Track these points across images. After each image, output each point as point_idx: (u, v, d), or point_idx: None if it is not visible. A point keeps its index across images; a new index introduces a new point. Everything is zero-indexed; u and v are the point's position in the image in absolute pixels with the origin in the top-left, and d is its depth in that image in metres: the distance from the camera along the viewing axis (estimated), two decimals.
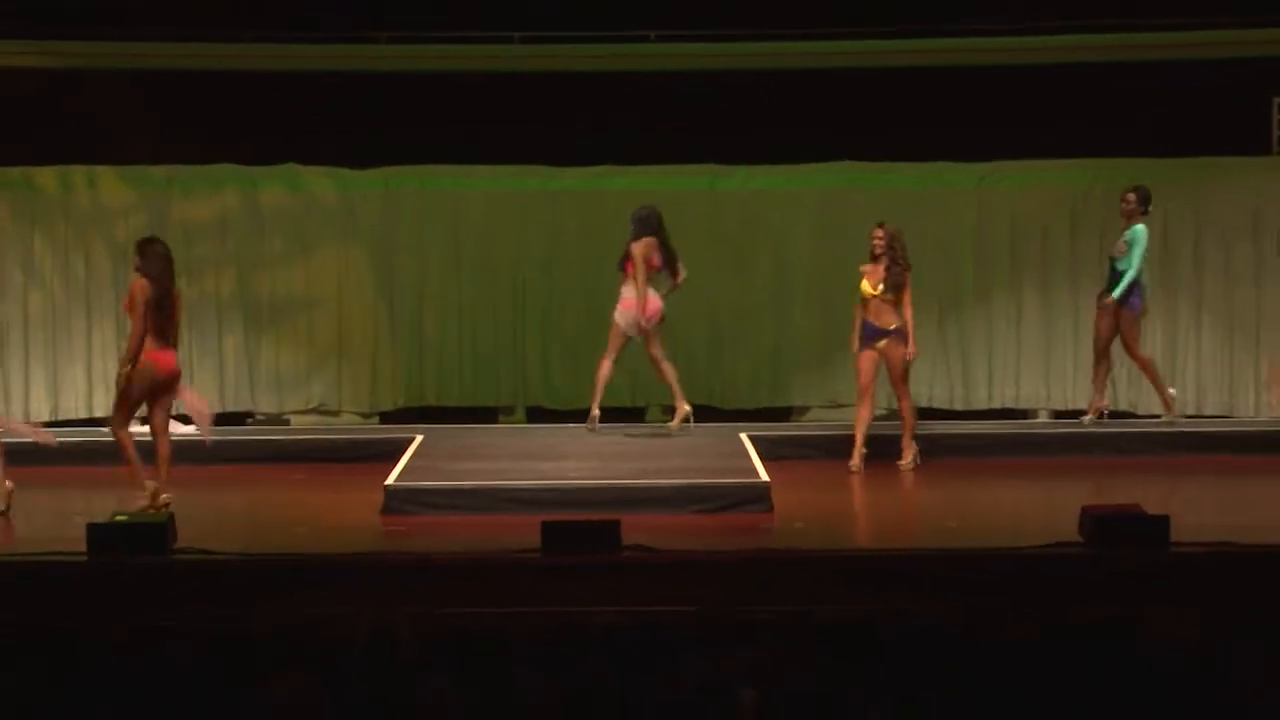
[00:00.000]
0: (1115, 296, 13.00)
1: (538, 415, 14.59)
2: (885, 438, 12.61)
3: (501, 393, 14.76)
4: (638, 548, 9.01)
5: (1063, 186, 14.36)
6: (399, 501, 10.60)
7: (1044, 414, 14.41)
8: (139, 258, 10.54)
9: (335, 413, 14.67)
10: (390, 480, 10.87)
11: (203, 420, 11.23)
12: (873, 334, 12.23)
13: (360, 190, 14.59)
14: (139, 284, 10.39)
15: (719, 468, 11.49)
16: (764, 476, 10.92)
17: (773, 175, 14.61)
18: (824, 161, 14.54)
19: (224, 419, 14.24)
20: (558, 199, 14.45)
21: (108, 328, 14.29)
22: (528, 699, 5.43)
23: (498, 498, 10.63)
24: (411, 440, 12.61)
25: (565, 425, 13.49)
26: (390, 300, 14.64)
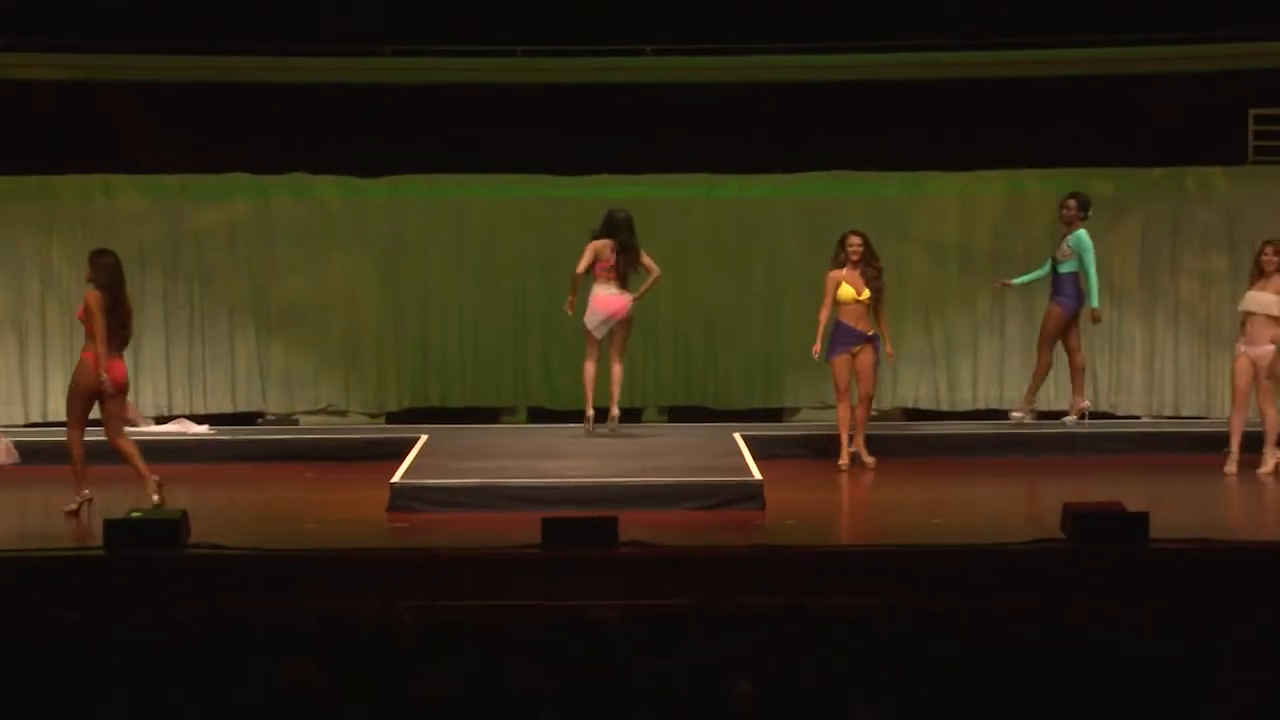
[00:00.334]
0: (1094, 305, 13.03)
1: (538, 415, 14.59)
2: (886, 438, 12.62)
3: (503, 394, 14.77)
4: (635, 543, 9.03)
5: (1044, 194, 14.33)
6: (404, 499, 10.61)
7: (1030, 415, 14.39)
8: (90, 269, 10.46)
9: (343, 413, 14.68)
10: (396, 478, 10.88)
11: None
12: (853, 338, 12.22)
13: (367, 198, 14.59)
14: (92, 295, 10.31)
15: (713, 466, 11.51)
16: (757, 475, 10.93)
17: (766, 184, 14.61)
18: (816, 170, 14.56)
19: (236, 419, 14.36)
20: (558, 206, 14.44)
21: None
22: (527, 689, 5.43)
23: (499, 495, 10.65)
24: (416, 440, 12.63)
25: (565, 425, 13.49)
26: (396, 304, 14.64)
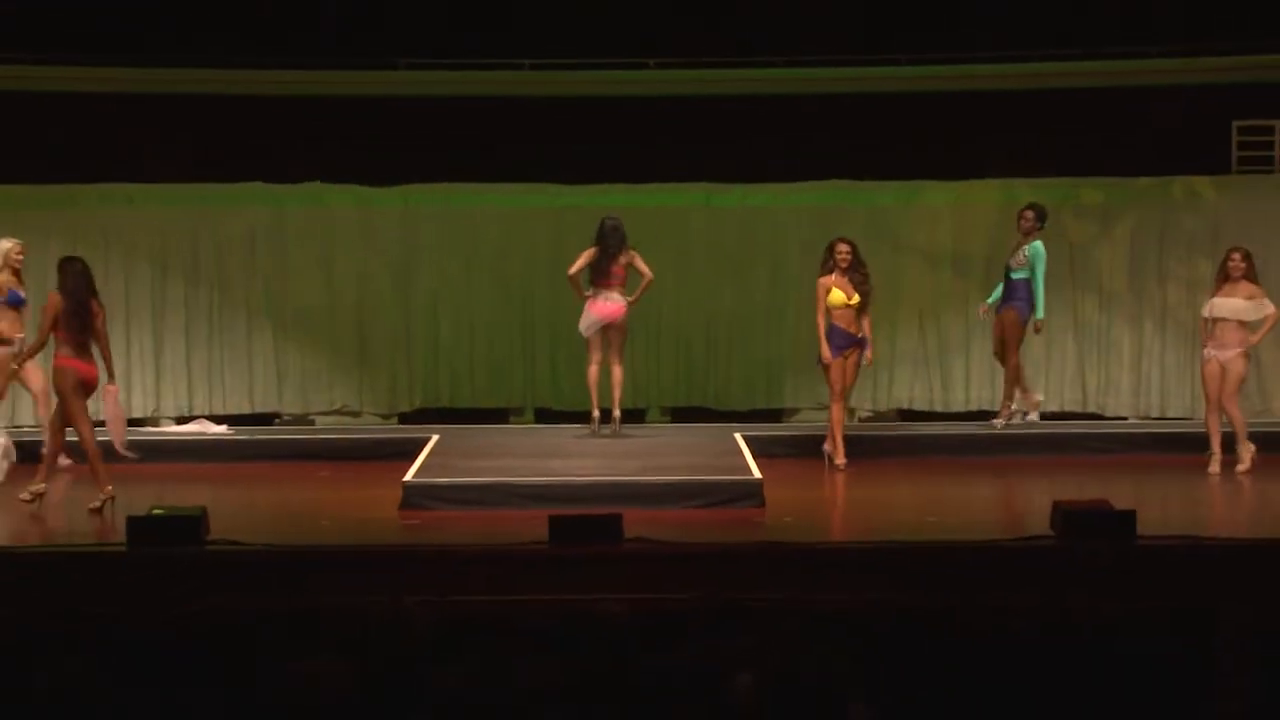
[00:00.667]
0: (1039, 317, 13.00)
1: (546, 416, 14.60)
2: (881, 438, 12.61)
3: (512, 395, 14.78)
4: (639, 540, 9.03)
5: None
6: (416, 497, 10.62)
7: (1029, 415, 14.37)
8: (59, 274, 10.52)
9: (357, 414, 14.69)
10: (408, 477, 10.89)
11: (118, 423, 10.81)
12: (846, 342, 12.22)
13: (380, 207, 14.61)
14: (52, 298, 10.39)
15: (715, 465, 11.50)
16: (757, 474, 10.94)
17: (766, 192, 14.62)
18: (814, 180, 14.56)
19: (253, 420, 14.38)
20: (564, 214, 14.44)
21: (145, 339, 14.34)
22: (535, 682, 5.43)
23: (508, 493, 10.66)
24: (428, 440, 12.63)
25: (571, 426, 13.50)
26: (408, 309, 14.65)
